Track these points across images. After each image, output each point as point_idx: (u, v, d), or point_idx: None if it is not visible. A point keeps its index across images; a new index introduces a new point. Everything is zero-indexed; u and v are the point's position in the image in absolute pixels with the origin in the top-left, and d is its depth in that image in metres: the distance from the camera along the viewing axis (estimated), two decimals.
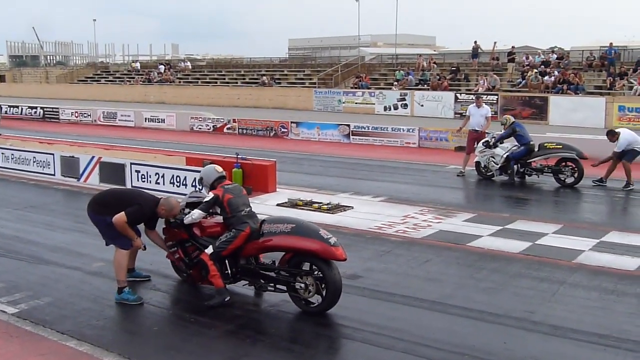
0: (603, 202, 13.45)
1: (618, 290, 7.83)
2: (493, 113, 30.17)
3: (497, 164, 15.39)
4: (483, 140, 15.88)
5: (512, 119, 15.73)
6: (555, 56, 35.45)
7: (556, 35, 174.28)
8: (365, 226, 11.00)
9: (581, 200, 13.77)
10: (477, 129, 16.48)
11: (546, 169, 15.11)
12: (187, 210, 7.78)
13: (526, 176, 15.34)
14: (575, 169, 14.72)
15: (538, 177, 15.25)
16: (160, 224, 8.03)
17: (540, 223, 11.18)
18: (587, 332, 6.53)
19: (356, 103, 36.46)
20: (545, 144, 15.23)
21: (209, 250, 7.32)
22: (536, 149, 15.17)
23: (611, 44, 33.80)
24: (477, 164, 16.00)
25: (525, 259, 9.09)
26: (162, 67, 51.66)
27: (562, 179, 14.84)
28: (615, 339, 6.38)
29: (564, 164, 14.92)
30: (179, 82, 49.00)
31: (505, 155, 15.23)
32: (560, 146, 15.04)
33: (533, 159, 15.14)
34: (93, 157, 15.35)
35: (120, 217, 7.32)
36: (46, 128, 29.78)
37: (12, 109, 36.46)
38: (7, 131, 23.58)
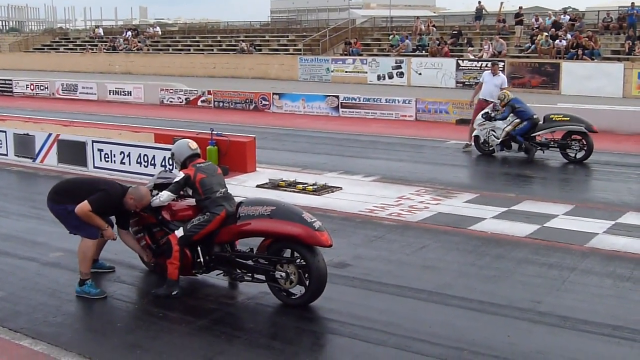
0: (618, 179, 13.51)
1: (634, 277, 7.88)
2: None
3: (498, 139, 15.42)
4: (482, 112, 15.87)
5: (510, 96, 15.68)
6: (567, 18, 35.40)
7: None
8: (355, 209, 11.01)
9: (594, 178, 13.84)
10: (488, 99, 16.35)
11: (552, 143, 15.16)
12: (155, 192, 7.76)
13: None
14: (584, 143, 14.77)
15: (543, 152, 15.28)
16: None
17: (550, 203, 11.23)
18: (600, 324, 6.57)
19: (346, 72, 36.36)
20: (551, 116, 15.25)
21: (179, 232, 7.32)
22: (541, 122, 15.21)
23: (633, 3, 33.75)
24: (476, 138, 16.02)
25: (533, 244, 9.13)
26: (128, 34, 51.28)
27: (571, 154, 14.90)
28: (631, 330, 6.42)
29: (571, 137, 14.97)
30: (148, 49, 48.66)
31: (506, 129, 15.24)
32: (568, 118, 15.08)
33: (537, 133, 15.17)
34: (50, 134, 15.23)
35: (83, 205, 7.25)
36: None
37: None
38: None
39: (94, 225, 7.40)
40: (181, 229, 7.34)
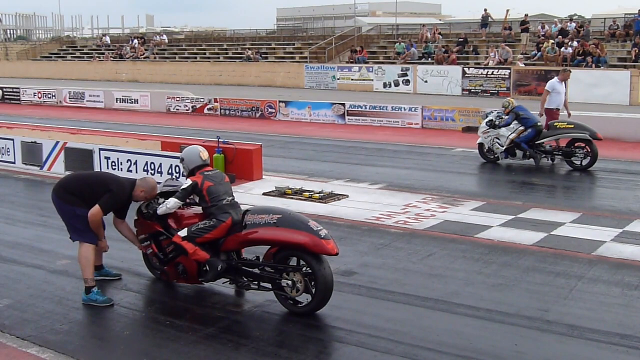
0: (625, 187, 13.46)
1: None
2: (505, 89, 30.45)
3: (503, 146, 15.40)
4: (486, 120, 15.92)
5: (515, 103, 15.68)
6: (573, 25, 35.40)
7: (575, 2, 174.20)
8: (362, 217, 11.00)
9: (601, 186, 13.78)
10: (559, 107, 16.21)
11: (556, 151, 15.15)
12: (161, 199, 7.77)
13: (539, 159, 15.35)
14: (589, 150, 14.74)
15: (553, 161, 15.29)
16: (131, 216, 8.02)
17: (556, 211, 11.20)
18: (608, 332, 6.54)
19: (352, 79, 36.40)
20: (555, 124, 15.25)
21: (183, 232, 7.33)
22: (545, 129, 15.20)
23: None
24: (480, 145, 16.02)
25: (540, 252, 9.10)
26: (135, 42, 51.44)
27: (576, 162, 14.86)
28: (639, 339, 6.39)
29: (575, 145, 14.94)
30: (154, 57, 48.83)
31: (510, 137, 15.22)
32: (572, 126, 15.06)
33: (542, 141, 15.16)
34: (57, 142, 15.28)
35: (96, 211, 7.30)
36: (5, 110, 29.65)
37: None
38: None
39: (97, 232, 7.44)
40: (185, 229, 7.36)
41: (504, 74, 31.02)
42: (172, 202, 7.45)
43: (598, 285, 7.88)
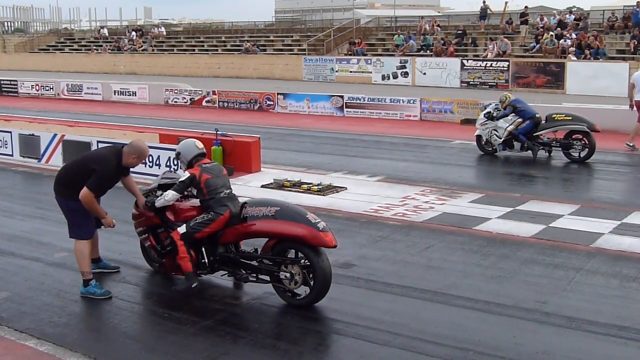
0: (624, 179, 13.48)
1: None
2: (503, 82, 30.44)
3: (500, 138, 15.38)
4: (484, 112, 15.91)
5: (511, 97, 15.66)
6: (572, 17, 35.34)
7: None
8: (360, 209, 10.99)
9: (599, 178, 13.79)
10: None
11: (554, 142, 15.14)
12: (159, 192, 7.76)
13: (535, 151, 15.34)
14: (586, 142, 14.73)
15: (550, 154, 15.26)
16: (129, 208, 8.01)
17: (555, 203, 11.20)
18: (606, 324, 6.55)
19: (351, 72, 36.33)
20: (553, 116, 15.21)
21: (182, 229, 7.32)
22: (544, 121, 15.18)
23: (638, 2, 33.66)
24: (478, 137, 16.01)
25: (538, 244, 9.11)
26: (133, 34, 51.33)
27: (574, 154, 14.84)
28: (637, 331, 6.40)
29: (573, 137, 14.93)
30: (152, 50, 48.71)
31: (508, 129, 15.20)
32: (570, 117, 15.03)
33: (540, 133, 15.14)
34: (55, 135, 15.26)
35: (85, 193, 7.16)
36: (3, 103, 29.59)
37: None
38: None
39: (96, 213, 7.36)
40: (184, 225, 7.35)
41: (503, 66, 30.97)
42: (169, 195, 7.43)
43: (596, 277, 7.89)
